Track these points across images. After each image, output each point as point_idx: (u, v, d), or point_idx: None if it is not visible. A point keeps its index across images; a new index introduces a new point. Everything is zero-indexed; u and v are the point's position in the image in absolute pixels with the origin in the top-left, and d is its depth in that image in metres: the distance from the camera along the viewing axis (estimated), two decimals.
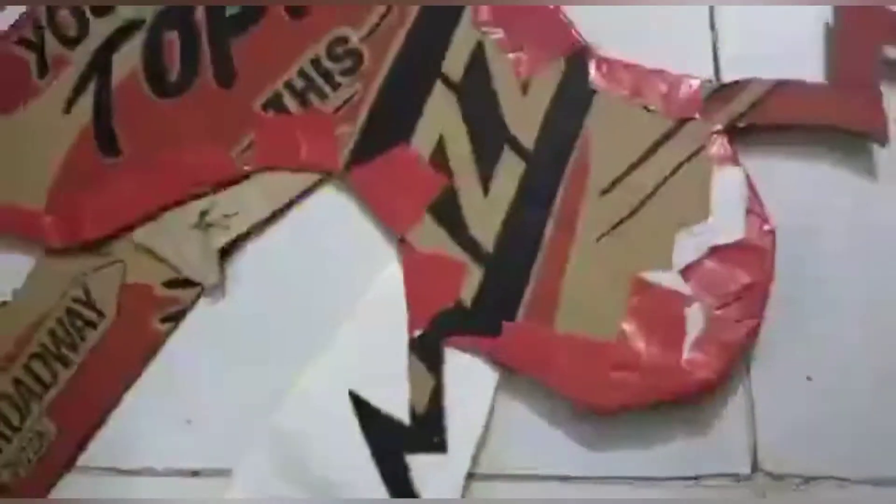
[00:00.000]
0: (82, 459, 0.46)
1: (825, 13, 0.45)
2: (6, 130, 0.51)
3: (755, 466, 0.40)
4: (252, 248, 0.47)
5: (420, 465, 0.41)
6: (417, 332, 0.42)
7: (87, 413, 0.46)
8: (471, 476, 0.41)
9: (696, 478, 0.40)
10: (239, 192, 0.47)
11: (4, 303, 0.49)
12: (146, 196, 0.48)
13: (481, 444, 0.41)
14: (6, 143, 0.52)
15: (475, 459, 0.41)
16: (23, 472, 0.46)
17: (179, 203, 0.48)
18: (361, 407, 0.42)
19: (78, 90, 0.51)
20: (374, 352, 0.43)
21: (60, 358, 0.47)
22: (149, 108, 0.50)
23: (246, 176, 0.47)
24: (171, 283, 0.47)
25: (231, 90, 0.49)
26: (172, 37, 0.50)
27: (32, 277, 0.49)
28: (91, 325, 0.47)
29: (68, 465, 0.46)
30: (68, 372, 0.47)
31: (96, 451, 0.46)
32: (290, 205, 0.47)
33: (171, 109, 0.49)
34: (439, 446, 0.41)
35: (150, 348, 0.46)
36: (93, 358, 0.47)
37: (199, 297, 0.47)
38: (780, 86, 0.42)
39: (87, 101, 0.51)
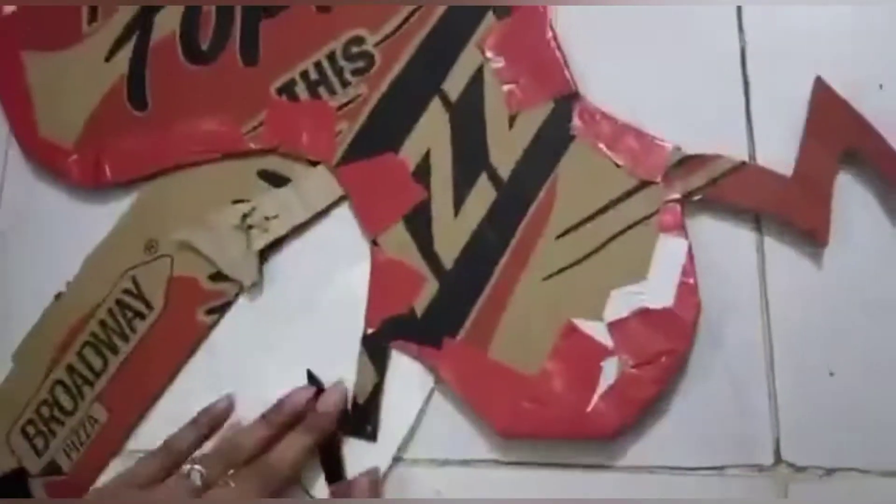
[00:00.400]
0: (131, 444, 0.50)
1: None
2: (53, 67, 0.56)
3: (778, 457, 0.41)
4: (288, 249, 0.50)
5: (352, 447, 0.47)
6: (369, 331, 0.47)
7: (136, 399, 0.50)
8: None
9: (718, 468, 0.42)
10: (280, 197, 0.50)
11: (60, 294, 0.53)
12: (162, 154, 0.53)
13: (409, 436, 0.46)
14: (51, 79, 0.57)
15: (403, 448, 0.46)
16: (75, 455, 0.51)
17: (191, 166, 0.53)
18: (314, 384, 0.47)
19: (121, 41, 0.56)
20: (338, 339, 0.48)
21: (111, 347, 0.51)
22: (179, 71, 0.54)
23: (283, 180, 0.50)
24: (215, 277, 0.50)
25: (253, 69, 0.52)
26: (210, 7, 0.54)
27: (85, 270, 0.53)
28: (140, 315, 0.51)
29: (118, 449, 0.50)
30: (118, 360, 0.51)
31: (144, 436, 0.50)
32: (327, 209, 0.50)
33: (198, 76, 0.53)
34: (371, 435, 0.46)
35: (196, 339, 0.50)
36: (142, 347, 0.51)
37: (241, 290, 0.50)
38: (741, 167, 0.44)
39: (126, 53, 0.55)
